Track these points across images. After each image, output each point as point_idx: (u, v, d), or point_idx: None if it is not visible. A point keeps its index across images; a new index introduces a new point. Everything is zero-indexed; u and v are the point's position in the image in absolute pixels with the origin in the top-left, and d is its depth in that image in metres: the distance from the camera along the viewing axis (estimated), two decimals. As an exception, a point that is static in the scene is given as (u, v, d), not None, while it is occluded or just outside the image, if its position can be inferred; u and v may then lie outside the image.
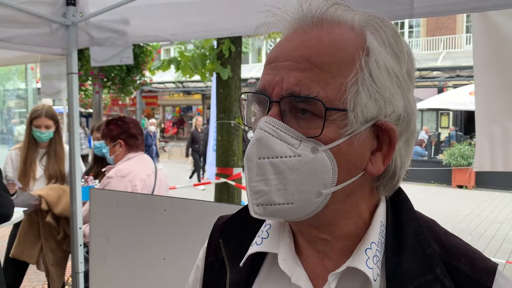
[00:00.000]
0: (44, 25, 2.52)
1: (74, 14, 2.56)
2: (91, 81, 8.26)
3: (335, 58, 0.67)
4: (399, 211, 0.77)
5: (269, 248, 0.78)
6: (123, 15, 2.43)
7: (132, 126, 3.10)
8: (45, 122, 3.50)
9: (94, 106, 8.95)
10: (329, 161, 0.67)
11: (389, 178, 0.75)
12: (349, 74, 0.67)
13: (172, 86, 26.21)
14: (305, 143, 0.67)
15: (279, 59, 0.70)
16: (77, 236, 2.72)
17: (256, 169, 0.68)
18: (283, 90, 0.68)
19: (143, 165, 3.04)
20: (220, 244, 0.87)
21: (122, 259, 2.31)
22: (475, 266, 0.71)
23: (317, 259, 0.77)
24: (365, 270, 0.69)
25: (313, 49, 0.68)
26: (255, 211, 0.69)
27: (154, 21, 2.36)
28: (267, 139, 0.68)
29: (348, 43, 0.68)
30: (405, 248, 0.72)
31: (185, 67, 6.03)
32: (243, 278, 0.80)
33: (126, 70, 7.90)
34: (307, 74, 0.66)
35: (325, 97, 0.66)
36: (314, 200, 0.68)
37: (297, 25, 0.72)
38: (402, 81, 0.70)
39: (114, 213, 2.29)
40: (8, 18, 2.37)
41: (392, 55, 0.70)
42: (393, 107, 0.69)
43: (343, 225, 0.74)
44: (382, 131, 0.70)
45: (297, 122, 0.68)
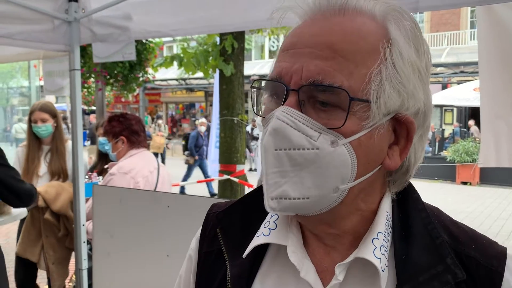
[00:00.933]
0: (46, 21, 2.51)
1: (76, 10, 2.56)
2: (94, 78, 8.26)
3: (359, 46, 0.65)
4: (406, 201, 0.75)
5: (278, 240, 0.75)
6: (125, 10, 2.42)
7: (134, 123, 3.09)
8: (40, 115, 3.47)
9: (97, 104, 8.95)
10: (348, 155, 0.65)
11: (402, 173, 0.74)
12: (373, 64, 0.65)
13: (175, 83, 26.20)
14: (324, 135, 0.64)
15: (298, 46, 0.67)
16: (81, 233, 2.72)
17: (272, 160, 0.66)
18: (303, 79, 0.65)
19: (146, 162, 3.03)
20: (218, 234, 0.83)
21: (125, 256, 2.31)
22: (485, 253, 0.70)
23: (324, 252, 0.75)
24: (373, 260, 0.67)
25: (336, 36, 0.65)
26: (270, 205, 0.67)
27: (156, 17, 2.34)
28: (285, 130, 0.64)
29: (372, 32, 0.66)
30: (413, 238, 0.70)
31: (188, 63, 6.02)
32: (245, 271, 0.76)
33: (129, 67, 7.88)
34: (330, 63, 0.64)
35: (349, 87, 0.63)
36: (330, 195, 0.66)
37: (318, 11, 0.69)
38: (423, 74, 0.69)
39: (118, 209, 2.28)
40: (10, 15, 2.36)
41: (413, 47, 0.68)
42: (415, 101, 0.68)
43: (352, 219, 0.72)
44: (401, 124, 0.68)
45: (316, 113, 0.65)
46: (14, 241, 7.08)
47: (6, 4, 2.30)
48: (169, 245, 2.10)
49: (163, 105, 32.70)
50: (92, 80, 8.64)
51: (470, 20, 21.69)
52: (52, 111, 3.58)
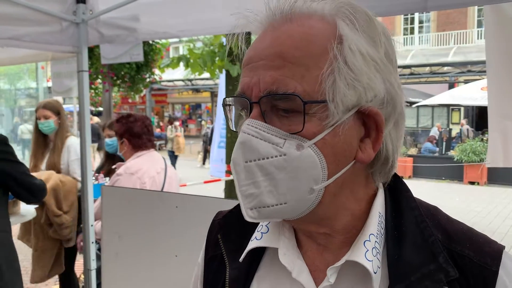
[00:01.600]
0: (54, 23, 2.53)
1: (84, 12, 2.57)
2: (101, 80, 8.31)
3: (308, 50, 0.66)
4: (399, 200, 0.75)
5: (269, 243, 0.77)
6: (133, 12, 2.43)
7: (137, 125, 3.06)
8: (43, 112, 3.60)
9: (104, 105, 9.01)
10: (316, 156, 0.66)
11: (382, 163, 0.73)
12: (324, 65, 0.66)
13: (181, 84, 26.28)
14: (289, 141, 0.66)
15: (254, 60, 0.69)
16: (89, 234, 2.73)
17: (244, 173, 0.67)
18: (261, 91, 0.67)
19: (153, 162, 3.04)
20: (219, 239, 0.85)
21: (134, 256, 2.32)
22: (480, 251, 0.70)
23: (317, 252, 0.76)
24: (364, 262, 0.68)
25: (285, 45, 0.66)
26: (249, 215, 0.69)
27: (163, 18, 2.35)
28: (251, 141, 0.67)
29: (320, 34, 0.67)
30: (405, 238, 0.70)
31: (194, 64, 6.04)
32: (243, 274, 0.79)
33: (135, 68, 7.93)
34: (282, 71, 0.65)
35: (303, 91, 0.64)
36: (307, 197, 0.67)
37: (267, 24, 0.71)
38: (381, 64, 0.68)
39: (126, 210, 2.29)
40: (18, 16, 2.38)
41: (367, 39, 0.68)
42: (374, 92, 0.67)
43: (340, 217, 0.72)
44: (368, 117, 0.69)
45: (279, 121, 0.67)
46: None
47: (14, 6, 2.32)
48: (178, 245, 2.11)
49: (169, 105, 32.79)
50: (99, 81, 8.70)
51: (477, 19, 21.55)
52: (55, 108, 3.67)
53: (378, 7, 1.76)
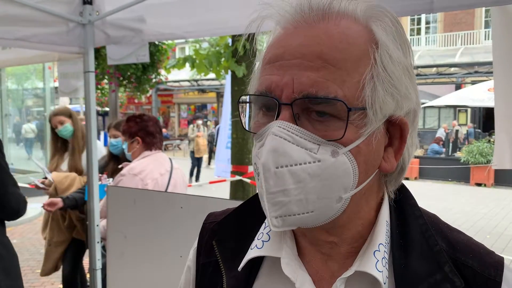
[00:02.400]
0: (61, 24, 2.55)
1: (90, 13, 2.58)
2: (107, 80, 8.35)
3: (349, 53, 0.63)
4: (403, 208, 0.74)
5: (272, 252, 0.74)
6: (139, 13, 2.44)
7: (150, 124, 3.12)
8: (57, 119, 3.77)
9: (110, 105, 9.05)
10: (349, 163, 0.64)
11: (397, 173, 0.72)
12: (364, 70, 0.63)
13: (187, 85, 26.33)
14: (324, 147, 0.63)
15: (285, 57, 0.64)
16: (95, 234, 2.75)
17: (274, 179, 0.63)
18: (295, 92, 0.62)
19: (157, 164, 3.04)
20: (214, 246, 0.82)
21: (139, 256, 2.33)
22: (483, 262, 0.69)
23: (321, 261, 0.74)
24: (376, 274, 0.66)
25: (325, 44, 0.62)
26: (274, 224, 0.65)
27: (169, 19, 2.36)
28: (284, 146, 0.62)
29: (359, 36, 0.64)
30: (411, 247, 0.69)
31: (200, 65, 6.05)
32: (241, 284, 0.76)
33: (142, 68, 7.96)
34: (322, 73, 0.61)
35: (343, 96, 0.61)
36: (334, 205, 0.65)
37: (300, 18, 0.66)
38: (412, 74, 0.67)
39: (131, 210, 2.30)
40: (26, 18, 2.40)
41: (399, 46, 0.66)
42: (409, 101, 0.66)
43: (352, 226, 0.71)
44: (394, 126, 0.67)
45: (312, 125, 0.63)
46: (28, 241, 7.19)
47: (22, 7, 2.34)
48: (182, 246, 2.11)
49: (175, 106, 32.86)
50: (106, 82, 8.74)
51: (485, 20, 21.42)
52: (67, 111, 3.85)
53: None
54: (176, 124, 31.86)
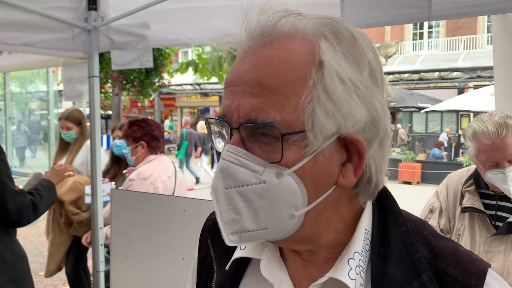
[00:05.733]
0: (66, 29, 2.59)
1: (95, 19, 2.63)
2: (111, 84, 8.41)
3: (287, 78, 0.64)
4: (386, 216, 0.74)
5: (252, 254, 0.78)
6: (143, 19, 2.48)
7: (154, 128, 3.15)
8: (65, 124, 3.86)
9: (113, 108, 9.11)
10: (295, 184, 0.65)
11: (366, 184, 0.72)
12: (303, 93, 0.64)
13: (190, 88, 26.37)
14: (268, 169, 0.65)
15: (234, 83, 0.67)
16: (98, 236, 2.78)
17: (224, 199, 0.67)
18: (241, 117, 0.66)
19: (164, 167, 3.08)
20: (209, 243, 0.88)
21: (142, 259, 2.36)
22: (464, 270, 0.69)
23: (301, 266, 0.76)
24: (347, 281, 0.68)
25: (263, 72, 0.65)
26: (230, 239, 0.68)
27: (173, 25, 2.40)
28: (231, 168, 0.66)
29: (299, 59, 0.65)
30: (391, 254, 0.70)
31: (202, 69, 6.10)
32: (228, 281, 0.80)
33: (145, 72, 8.02)
34: (261, 99, 0.64)
35: (281, 120, 0.63)
36: (288, 222, 0.66)
37: (250, 44, 0.68)
38: (363, 89, 0.66)
39: (135, 213, 2.34)
40: (32, 24, 2.44)
41: (350, 61, 0.66)
42: (354, 120, 0.65)
43: (324, 236, 0.72)
44: (351, 143, 0.67)
45: (259, 147, 0.66)
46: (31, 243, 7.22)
47: (28, 13, 2.38)
48: (185, 248, 2.14)
49: (177, 109, 32.95)
50: (109, 85, 8.81)
51: (487, 24, 21.43)
52: (77, 119, 3.90)
53: (383, 16, 1.79)
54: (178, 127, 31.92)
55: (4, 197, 2.31)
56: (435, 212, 2.14)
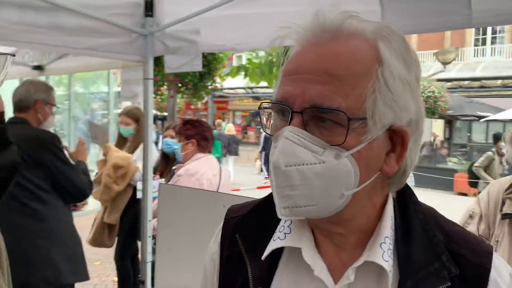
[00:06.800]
0: (125, 35, 2.78)
1: (151, 25, 2.80)
2: (167, 86, 8.77)
3: (353, 70, 0.72)
4: (406, 204, 0.83)
5: (293, 243, 0.83)
6: (194, 26, 2.63)
7: (206, 130, 3.39)
8: (124, 119, 4.14)
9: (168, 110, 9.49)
10: (351, 165, 0.73)
11: (400, 175, 0.81)
12: (367, 85, 0.72)
13: (242, 92, 26.80)
14: (328, 150, 0.72)
15: (298, 71, 0.75)
16: (147, 228, 2.96)
17: (283, 176, 0.73)
18: (305, 102, 0.72)
19: (210, 165, 3.26)
20: (237, 238, 0.90)
21: (186, 251, 2.49)
22: (474, 250, 0.78)
23: (334, 252, 0.83)
24: (383, 263, 0.75)
25: (332, 62, 0.73)
26: (282, 213, 0.76)
27: (221, 32, 2.53)
28: (293, 148, 0.72)
29: (364, 55, 0.74)
30: (413, 239, 0.78)
31: (253, 74, 6.23)
32: (265, 273, 0.84)
33: (199, 76, 8.31)
34: (328, 87, 0.71)
35: (346, 107, 0.71)
36: (337, 201, 0.74)
37: (313, 37, 0.76)
38: (413, 87, 0.76)
39: (180, 207, 2.48)
40: (95, 29, 2.65)
41: (403, 63, 0.75)
42: (407, 113, 0.75)
43: (358, 220, 0.80)
44: (396, 134, 0.76)
45: (319, 131, 0.73)
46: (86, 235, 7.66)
47: (91, 20, 2.59)
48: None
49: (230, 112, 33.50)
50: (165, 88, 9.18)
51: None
52: (135, 116, 4.16)
53: (422, 23, 1.82)
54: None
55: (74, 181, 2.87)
56: (475, 218, 2.13)
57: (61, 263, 2.79)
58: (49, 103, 3.02)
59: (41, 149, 2.76)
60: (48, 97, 3.01)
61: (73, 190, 2.91)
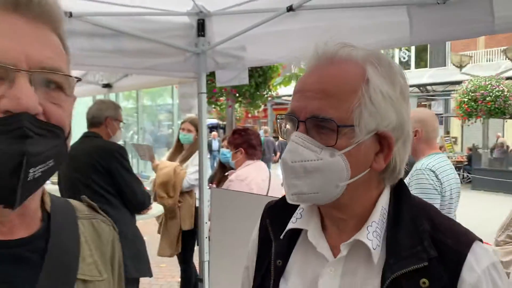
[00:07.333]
0: (180, 54, 3.08)
1: (203, 44, 3.07)
2: (225, 97, 9.15)
3: (343, 88, 0.90)
4: (400, 197, 0.98)
5: (301, 226, 1.03)
6: (241, 43, 2.87)
7: (253, 138, 3.57)
8: (187, 126, 4.37)
9: (227, 119, 9.88)
10: (343, 162, 0.90)
11: (391, 171, 0.96)
12: (354, 100, 0.89)
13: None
14: (325, 150, 0.90)
15: (303, 90, 0.94)
16: (203, 230, 3.22)
17: (290, 170, 0.92)
18: (307, 113, 0.91)
19: (259, 171, 3.45)
20: (267, 224, 1.12)
21: (237, 249, 2.71)
22: (458, 240, 0.91)
23: (337, 234, 1.00)
24: (365, 241, 0.92)
25: (327, 83, 0.91)
26: (290, 199, 0.95)
27: (264, 47, 2.73)
28: (298, 148, 0.91)
29: (353, 77, 0.91)
30: (401, 226, 0.94)
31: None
32: (284, 248, 1.06)
33: (255, 85, 8.59)
34: (324, 102, 0.90)
35: (338, 117, 0.88)
36: (333, 190, 0.92)
37: (317, 63, 0.95)
38: (395, 100, 0.92)
39: (231, 209, 2.70)
40: (153, 51, 2.97)
41: (387, 81, 0.92)
42: (388, 121, 0.91)
43: (355, 207, 0.97)
44: (383, 138, 0.92)
45: (319, 136, 0.91)
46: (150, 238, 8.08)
47: (150, 42, 2.91)
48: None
49: (290, 119, 33.57)
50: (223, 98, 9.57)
51: None
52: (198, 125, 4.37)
53: (448, 31, 1.91)
54: (291, 137, 32.46)
55: (134, 189, 3.18)
56: None
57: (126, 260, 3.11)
58: (117, 119, 3.41)
59: (110, 158, 3.12)
60: (116, 114, 3.40)
61: (132, 198, 3.20)
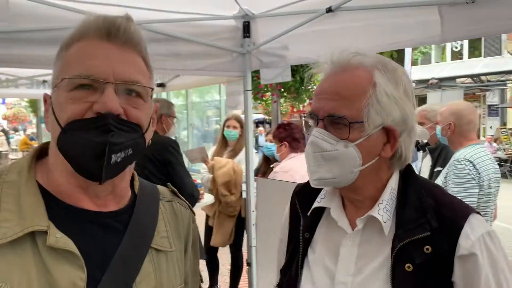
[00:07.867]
0: (227, 55, 3.32)
1: (249, 45, 3.28)
2: (270, 92, 9.37)
3: (354, 91, 1.10)
4: (407, 179, 1.17)
5: (325, 204, 1.24)
6: (283, 43, 3.06)
7: (296, 131, 3.77)
8: (233, 123, 4.65)
9: (272, 113, 10.10)
10: (355, 152, 1.10)
11: (398, 158, 1.16)
12: (363, 100, 1.09)
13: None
14: (340, 142, 1.10)
15: (321, 94, 1.15)
16: (250, 217, 3.46)
17: (312, 159, 1.13)
18: (325, 113, 1.12)
19: (302, 163, 3.58)
20: (296, 203, 1.34)
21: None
22: (457, 213, 1.09)
23: (355, 211, 1.20)
24: (377, 216, 1.12)
25: (340, 87, 1.11)
26: (314, 183, 1.16)
27: (306, 46, 2.91)
28: (317, 141, 1.11)
29: (362, 81, 1.11)
30: (408, 203, 1.12)
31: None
32: (310, 223, 1.27)
33: (299, 80, 8.74)
34: (338, 103, 1.10)
35: (350, 115, 1.09)
36: (349, 175, 1.12)
37: (331, 70, 1.16)
38: (398, 99, 1.11)
39: (275, 198, 2.92)
40: (203, 53, 3.22)
41: (392, 82, 1.11)
42: (392, 117, 1.11)
43: (368, 189, 1.16)
44: (389, 131, 1.12)
45: (335, 130, 1.11)
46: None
47: (200, 45, 3.16)
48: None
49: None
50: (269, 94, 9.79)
51: None
52: (242, 122, 4.64)
53: (478, 29, 2.02)
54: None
55: (184, 180, 3.45)
56: None
57: None
58: (171, 115, 3.72)
59: (164, 151, 3.44)
60: (170, 112, 3.72)
61: (182, 189, 3.47)
